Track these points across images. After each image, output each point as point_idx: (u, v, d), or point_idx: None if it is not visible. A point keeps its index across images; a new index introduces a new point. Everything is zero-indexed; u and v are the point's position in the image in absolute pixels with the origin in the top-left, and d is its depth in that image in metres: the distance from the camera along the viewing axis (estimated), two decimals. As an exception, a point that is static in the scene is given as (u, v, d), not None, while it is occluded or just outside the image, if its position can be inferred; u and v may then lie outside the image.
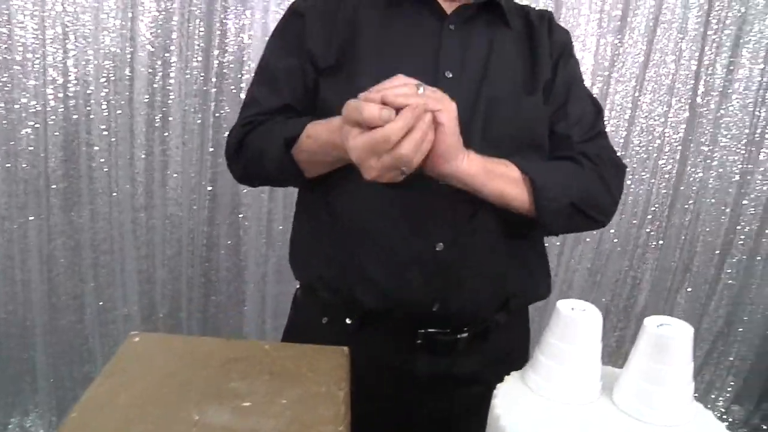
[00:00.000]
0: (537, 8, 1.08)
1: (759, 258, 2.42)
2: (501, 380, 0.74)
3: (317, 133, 0.88)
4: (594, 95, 1.07)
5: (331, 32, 0.97)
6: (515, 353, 1.04)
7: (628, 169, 2.24)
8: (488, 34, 0.98)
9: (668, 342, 0.67)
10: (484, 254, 0.95)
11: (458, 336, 0.97)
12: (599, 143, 1.00)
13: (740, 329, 2.50)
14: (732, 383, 2.57)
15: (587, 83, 2.10)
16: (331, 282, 0.98)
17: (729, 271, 2.43)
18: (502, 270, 0.98)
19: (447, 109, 0.73)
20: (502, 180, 0.86)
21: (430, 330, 0.96)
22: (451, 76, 0.93)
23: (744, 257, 2.41)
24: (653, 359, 0.68)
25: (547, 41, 1.01)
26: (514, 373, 0.75)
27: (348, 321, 0.97)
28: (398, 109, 0.68)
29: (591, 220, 0.97)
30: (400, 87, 0.70)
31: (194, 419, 0.63)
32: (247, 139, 0.99)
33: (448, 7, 0.97)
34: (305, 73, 0.98)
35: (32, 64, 1.83)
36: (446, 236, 0.91)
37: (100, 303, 2.07)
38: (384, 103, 0.68)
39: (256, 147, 0.97)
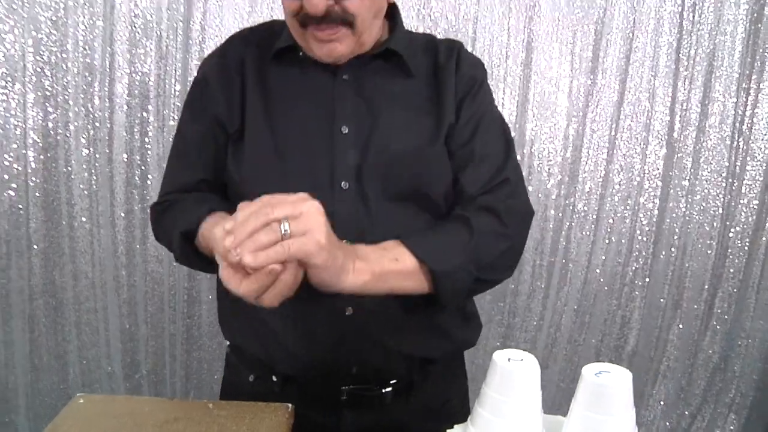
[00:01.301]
0: (446, 39, 0.99)
1: (750, 290, 2.39)
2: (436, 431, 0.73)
3: (207, 236, 0.83)
4: (508, 124, 0.99)
5: (231, 93, 0.92)
6: (453, 402, 1.01)
7: (609, 208, 2.29)
8: (387, 82, 0.92)
9: (606, 391, 0.66)
10: (397, 316, 0.91)
11: (384, 390, 0.94)
12: (504, 192, 0.91)
13: (737, 364, 2.46)
14: (734, 421, 2.51)
15: (562, 124, 2.16)
16: (251, 346, 0.97)
17: (720, 305, 2.40)
18: (418, 329, 0.94)
19: (314, 250, 0.66)
20: (395, 278, 0.80)
21: (353, 386, 0.94)
22: (347, 131, 0.89)
23: (735, 290, 2.39)
24: (592, 409, 0.66)
25: (454, 80, 0.93)
26: (457, 427, 0.74)
27: (274, 378, 0.95)
28: None
29: (493, 284, 0.93)
30: (260, 234, 0.63)
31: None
32: (157, 229, 0.98)
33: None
34: (216, 138, 0.94)
35: (14, 128, 1.86)
36: (354, 300, 0.86)
37: (84, 362, 2.05)
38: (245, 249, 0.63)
39: (165, 238, 0.95)
